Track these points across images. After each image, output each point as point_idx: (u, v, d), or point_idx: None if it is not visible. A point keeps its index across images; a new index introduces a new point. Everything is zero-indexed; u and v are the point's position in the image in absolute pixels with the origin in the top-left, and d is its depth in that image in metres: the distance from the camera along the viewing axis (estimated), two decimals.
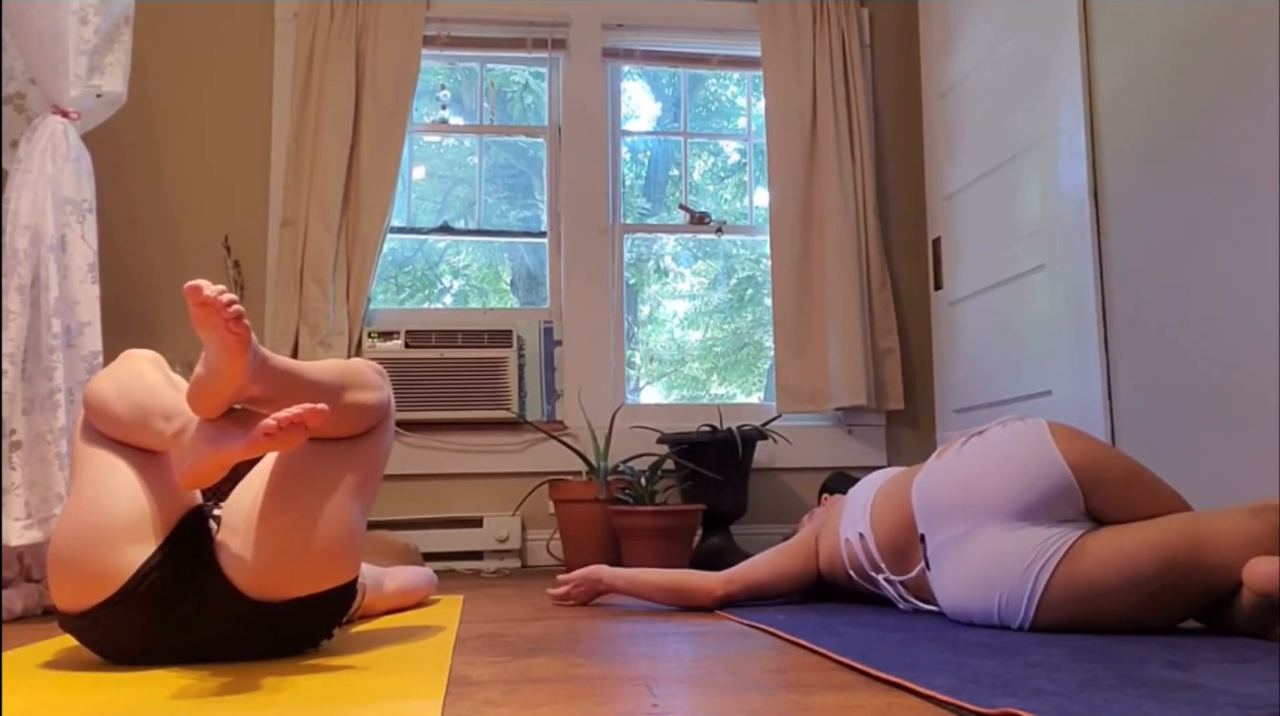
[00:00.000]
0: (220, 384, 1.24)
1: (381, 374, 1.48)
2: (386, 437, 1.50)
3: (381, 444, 1.49)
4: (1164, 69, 2.39)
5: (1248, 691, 1.08)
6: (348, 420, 1.41)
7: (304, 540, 1.34)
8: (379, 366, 1.49)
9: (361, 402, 1.42)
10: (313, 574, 1.37)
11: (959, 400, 3.38)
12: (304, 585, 1.36)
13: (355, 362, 1.46)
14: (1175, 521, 1.57)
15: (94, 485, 1.37)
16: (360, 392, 1.41)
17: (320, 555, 1.36)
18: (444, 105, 3.80)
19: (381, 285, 3.68)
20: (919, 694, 1.13)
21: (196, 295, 1.19)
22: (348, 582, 1.42)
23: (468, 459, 3.43)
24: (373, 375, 1.45)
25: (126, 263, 3.35)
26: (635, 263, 3.85)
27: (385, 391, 1.47)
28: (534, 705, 1.11)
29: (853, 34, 3.69)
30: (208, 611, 1.34)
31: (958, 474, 1.76)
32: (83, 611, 1.33)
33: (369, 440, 1.46)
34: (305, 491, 1.37)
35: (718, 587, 2.05)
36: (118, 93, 2.48)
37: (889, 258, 3.71)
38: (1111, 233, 2.58)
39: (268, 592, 1.34)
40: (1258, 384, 2.09)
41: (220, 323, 1.19)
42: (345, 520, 1.39)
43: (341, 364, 1.43)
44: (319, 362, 1.40)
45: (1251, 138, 2.11)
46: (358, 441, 1.44)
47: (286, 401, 1.29)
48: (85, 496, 1.36)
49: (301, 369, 1.34)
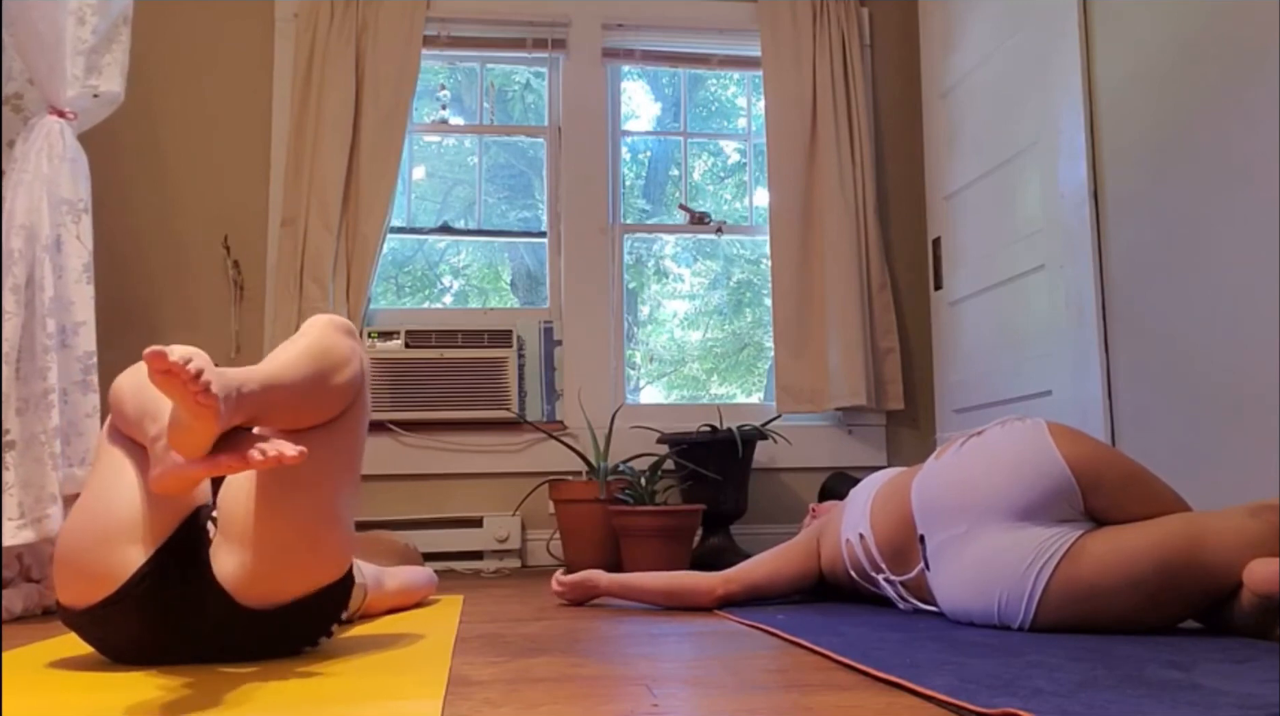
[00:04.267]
0: (196, 437, 1.17)
1: (351, 333, 1.42)
2: (364, 405, 1.45)
3: (361, 414, 1.44)
4: (1164, 69, 2.39)
5: (1248, 691, 1.08)
6: (330, 405, 1.37)
7: (293, 546, 1.33)
8: (346, 323, 1.43)
9: (342, 383, 1.37)
10: (303, 579, 1.36)
11: (959, 400, 3.38)
12: (295, 589, 1.36)
13: (324, 336, 1.38)
14: (1175, 522, 1.57)
15: (102, 484, 1.37)
16: (339, 373, 1.37)
17: (310, 559, 1.36)
18: (444, 105, 3.80)
19: (381, 285, 3.68)
20: (919, 694, 1.13)
21: (159, 362, 1.07)
22: (340, 579, 1.42)
23: (468, 459, 3.43)
24: (344, 345, 1.39)
25: (126, 263, 3.35)
26: (635, 264, 3.85)
27: (359, 357, 1.41)
28: (534, 705, 1.11)
29: (853, 34, 3.69)
30: (204, 614, 1.34)
31: (957, 474, 1.76)
32: (85, 608, 1.33)
33: (349, 415, 1.41)
34: (291, 493, 1.34)
35: (717, 587, 2.05)
36: (115, 93, 2.48)
37: (889, 258, 3.71)
38: (1111, 233, 2.58)
39: (260, 600, 1.34)
40: (1258, 384, 2.08)
41: (188, 394, 1.10)
42: (333, 516, 1.38)
43: (313, 346, 1.35)
44: (289, 352, 1.33)
45: (1251, 137, 2.10)
46: (337, 420, 1.40)
47: (274, 416, 1.29)
48: (93, 494, 1.37)
49: (278, 375, 1.29)
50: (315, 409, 1.35)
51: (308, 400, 1.33)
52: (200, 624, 1.34)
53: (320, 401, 1.35)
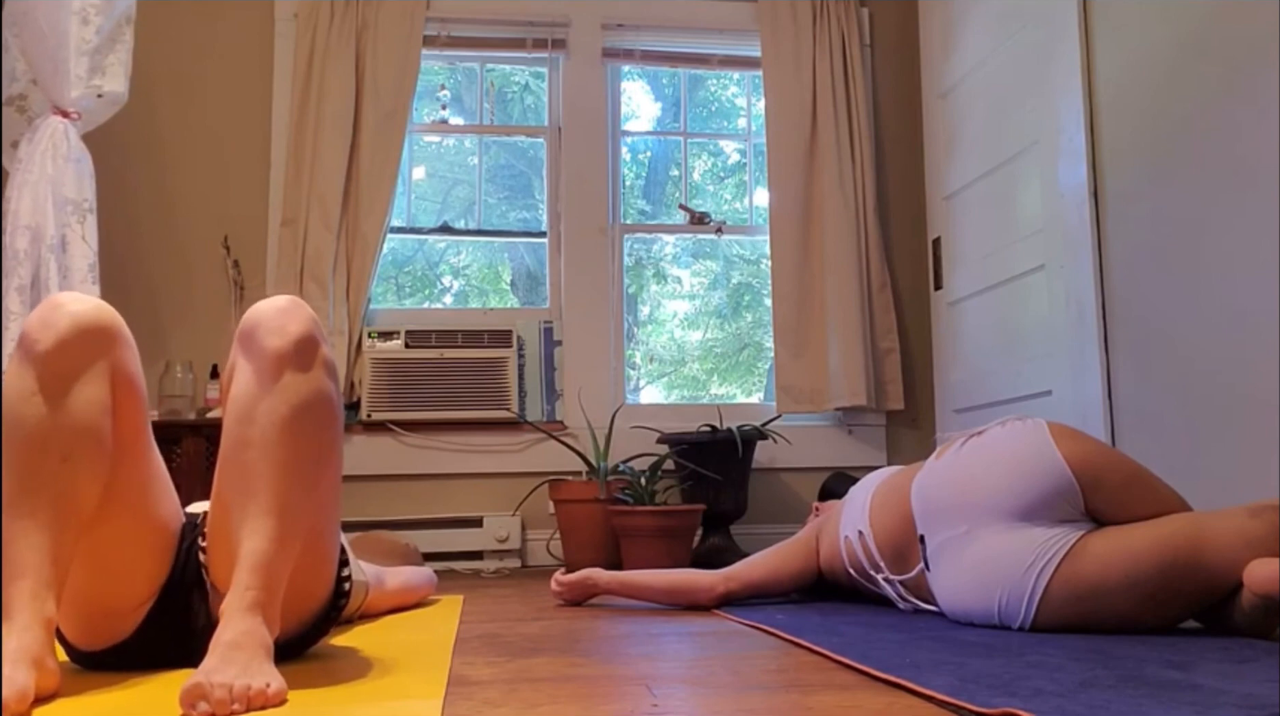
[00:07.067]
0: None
1: (324, 367, 1.27)
2: (340, 451, 1.33)
3: (340, 458, 1.33)
4: (1164, 69, 2.39)
5: (1248, 691, 1.08)
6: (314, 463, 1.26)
7: (287, 591, 1.28)
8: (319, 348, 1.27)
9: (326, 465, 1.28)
10: (298, 617, 1.35)
11: (959, 400, 3.38)
12: (289, 626, 1.34)
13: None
14: (1175, 522, 1.57)
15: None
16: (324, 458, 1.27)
17: (303, 603, 1.34)
18: (444, 105, 3.80)
19: (381, 285, 3.68)
20: (919, 694, 1.13)
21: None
22: (328, 599, 1.41)
23: (468, 459, 3.43)
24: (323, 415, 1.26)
25: (126, 263, 3.35)
26: (635, 266, 3.85)
27: (321, 376, 1.26)
28: (534, 705, 1.11)
29: (853, 34, 3.69)
30: (206, 639, 1.33)
31: (957, 474, 1.76)
32: (91, 652, 1.34)
33: (333, 466, 1.31)
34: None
35: (717, 585, 2.05)
36: (119, 93, 2.49)
37: (889, 258, 3.71)
38: (1111, 233, 2.58)
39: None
40: (1258, 384, 2.09)
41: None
42: (323, 555, 1.35)
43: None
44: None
45: (1251, 137, 2.10)
46: (322, 457, 1.27)
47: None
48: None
49: (269, 564, 1.19)
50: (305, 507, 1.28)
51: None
52: (199, 643, 1.34)
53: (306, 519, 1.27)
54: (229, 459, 1.25)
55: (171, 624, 1.33)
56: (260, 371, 1.24)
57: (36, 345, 1.19)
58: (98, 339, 1.22)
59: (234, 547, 1.21)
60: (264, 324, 1.25)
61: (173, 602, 1.33)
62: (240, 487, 1.22)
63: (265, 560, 1.18)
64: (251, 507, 1.20)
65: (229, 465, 1.24)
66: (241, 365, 1.27)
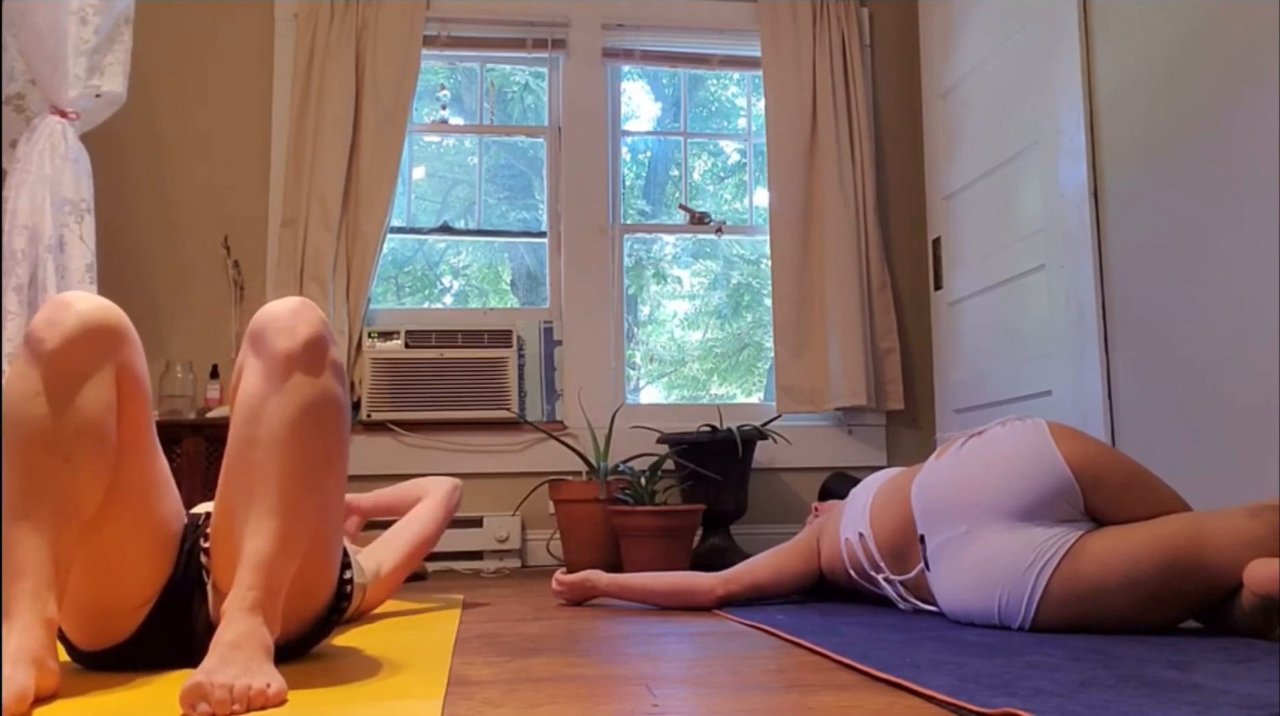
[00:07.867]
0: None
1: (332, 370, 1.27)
2: (347, 445, 1.32)
3: (346, 456, 1.32)
4: (1164, 69, 2.39)
5: (1248, 691, 1.08)
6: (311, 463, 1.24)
7: (289, 595, 1.28)
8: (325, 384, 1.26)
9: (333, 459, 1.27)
10: (299, 619, 1.35)
11: (959, 400, 3.38)
12: (290, 629, 1.34)
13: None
14: (1175, 522, 1.57)
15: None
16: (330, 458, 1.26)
17: (305, 603, 1.34)
18: (444, 105, 3.80)
19: (381, 285, 3.68)
20: (919, 694, 1.13)
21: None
22: (329, 602, 1.41)
23: (468, 459, 3.43)
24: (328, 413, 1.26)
25: (126, 263, 3.35)
26: (635, 266, 3.85)
27: (330, 379, 1.25)
28: (534, 705, 1.11)
29: (853, 34, 3.69)
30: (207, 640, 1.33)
31: (957, 474, 1.76)
32: (92, 652, 1.34)
33: (339, 464, 1.30)
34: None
35: (717, 587, 2.05)
36: (117, 93, 2.49)
37: (889, 258, 3.71)
38: (1111, 233, 2.58)
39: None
40: (1257, 384, 2.08)
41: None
42: (325, 556, 1.34)
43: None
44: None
45: (1251, 137, 2.10)
46: (328, 459, 1.27)
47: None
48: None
49: (271, 564, 1.19)
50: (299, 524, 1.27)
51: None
52: (200, 643, 1.34)
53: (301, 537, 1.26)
54: (234, 458, 1.24)
55: (172, 624, 1.33)
56: (269, 371, 1.24)
57: (42, 344, 1.18)
58: (105, 339, 1.22)
59: (237, 547, 1.21)
60: (274, 324, 1.25)
61: (174, 603, 1.33)
62: (245, 487, 1.22)
63: (267, 560, 1.18)
64: (255, 507, 1.20)
65: (234, 464, 1.24)
66: (250, 365, 1.27)
